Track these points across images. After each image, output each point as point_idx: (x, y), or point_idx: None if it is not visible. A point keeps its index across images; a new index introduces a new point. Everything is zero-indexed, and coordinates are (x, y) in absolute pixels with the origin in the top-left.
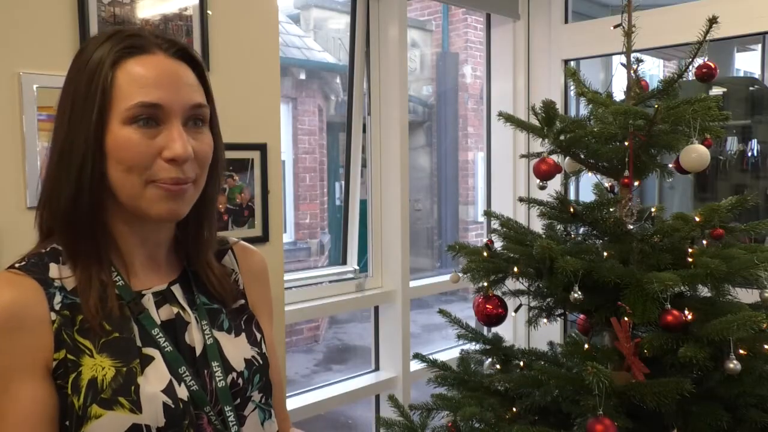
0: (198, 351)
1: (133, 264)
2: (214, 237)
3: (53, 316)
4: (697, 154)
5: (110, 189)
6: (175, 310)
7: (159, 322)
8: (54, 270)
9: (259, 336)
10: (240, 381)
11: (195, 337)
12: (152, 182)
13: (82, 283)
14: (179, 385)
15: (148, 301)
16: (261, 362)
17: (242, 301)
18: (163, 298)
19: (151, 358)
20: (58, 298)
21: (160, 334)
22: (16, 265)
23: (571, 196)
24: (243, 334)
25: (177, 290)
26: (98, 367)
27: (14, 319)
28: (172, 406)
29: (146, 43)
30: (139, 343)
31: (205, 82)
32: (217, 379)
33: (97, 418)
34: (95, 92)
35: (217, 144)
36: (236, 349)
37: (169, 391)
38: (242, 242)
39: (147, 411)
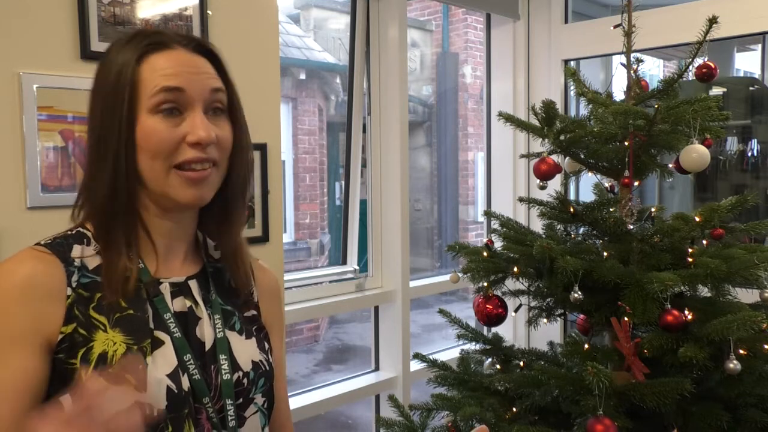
0: (207, 346)
1: (156, 254)
2: (243, 221)
3: (69, 291)
4: (697, 154)
5: (141, 179)
6: (188, 303)
7: (172, 311)
8: (77, 250)
9: (267, 346)
10: (245, 381)
11: (206, 332)
12: (175, 167)
13: (108, 265)
14: (183, 373)
15: (165, 289)
16: (267, 368)
17: (254, 312)
18: (179, 290)
19: (161, 342)
20: (75, 277)
21: (172, 320)
22: (42, 242)
23: (571, 196)
24: (253, 339)
25: (194, 285)
26: (110, 341)
27: (32, 289)
28: (176, 391)
29: (167, 39)
30: (151, 325)
31: (224, 72)
32: (223, 372)
33: None
34: (123, 88)
35: (239, 131)
36: (245, 350)
37: (174, 376)
38: (257, 259)
39: (151, 391)
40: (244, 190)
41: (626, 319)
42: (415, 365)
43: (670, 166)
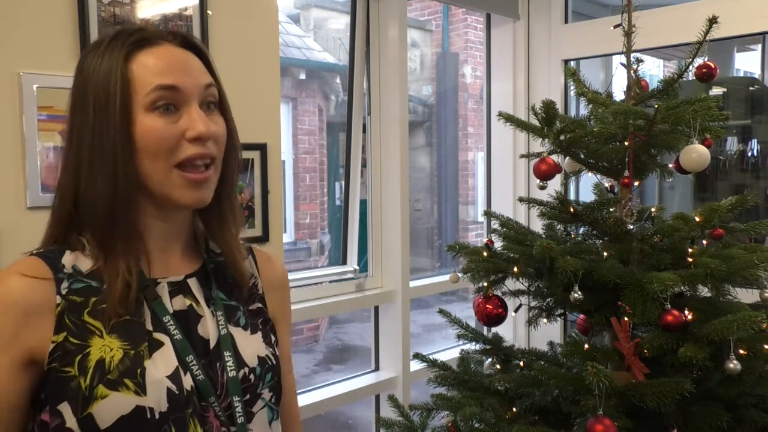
0: (212, 343)
1: (152, 254)
2: (236, 216)
3: (58, 299)
4: (697, 154)
5: (141, 182)
6: (188, 302)
7: (171, 311)
8: (68, 256)
9: (273, 339)
10: (251, 377)
11: (209, 329)
12: (177, 167)
13: (110, 275)
14: (185, 374)
15: (162, 289)
16: (274, 362)
17: (260, 305)
18: (178, 288)
19: (160, 343)
20: (66, 283)
21: (171, 322)
22: (34, 251)
23: (571, 196)
24: (259, 333)
25: (193, 283)
26: (107, 348)
27: (12, 305)
28: (176, 392)
29: (152, 36)
30: (150, 327)
31: (211, 67)
32: (229, 369)
33: (103, 398)
34: (114, 88)
35: (230, 126)
36: (250, 346)
37: (174, 377)
38: (263, 250)
39: (151, 394)
40: (234, 185)
41: (626, 319)
42: (415, 365)
43: (670, 166)
